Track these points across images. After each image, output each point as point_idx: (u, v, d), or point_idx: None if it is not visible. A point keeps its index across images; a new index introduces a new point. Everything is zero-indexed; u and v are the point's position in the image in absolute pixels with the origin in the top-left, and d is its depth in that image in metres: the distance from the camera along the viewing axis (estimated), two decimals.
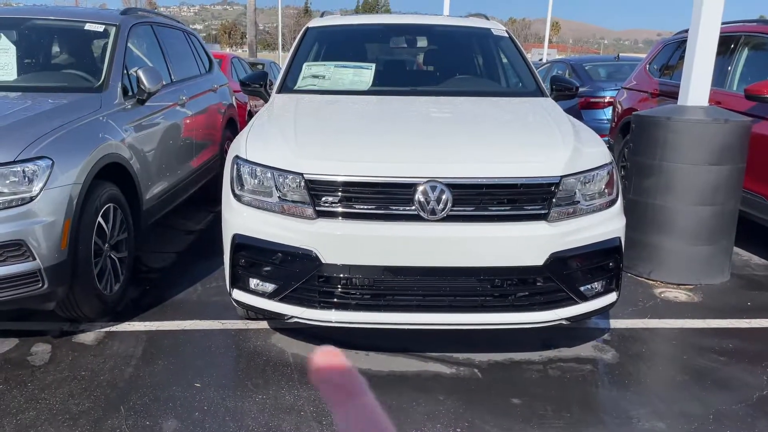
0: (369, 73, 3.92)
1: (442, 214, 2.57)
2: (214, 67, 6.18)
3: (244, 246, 2.77)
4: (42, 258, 2.77)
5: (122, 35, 4.06)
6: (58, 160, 2.88)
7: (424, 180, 2.57)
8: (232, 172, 2.88)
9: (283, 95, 3.79)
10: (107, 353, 2.98)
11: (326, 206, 2.64)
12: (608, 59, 10.36)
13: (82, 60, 4.13)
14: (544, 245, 2.58)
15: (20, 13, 4.40)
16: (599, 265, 2.77)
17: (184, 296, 3.73)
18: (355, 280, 2.65)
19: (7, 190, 2.72)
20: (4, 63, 3.80)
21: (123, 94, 3.78)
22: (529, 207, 2.63)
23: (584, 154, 2.80)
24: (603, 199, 2.81)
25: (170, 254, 4.53)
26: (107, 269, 3.33)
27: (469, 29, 4.54)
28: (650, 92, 6.23)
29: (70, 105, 3.34)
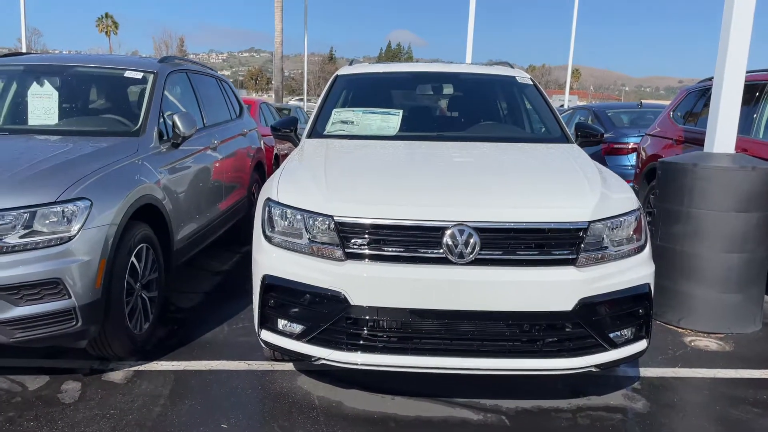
0: (396, 119, 4.02)
1: (470, 257, 2.59)
2: (245, 112, 6.37)
3: (273, 287, 2.80)
4: (77, 296, 2.84)
5: (159, 82, 4.23)
6: (97, 201, 2.98)
7: (452, 224, 2.61)
8: (263, 214, 2.95)
9: (313, 140, 3.89)
10: (136, 392, 3.00)
11: (355, 248, 2.68)
12: (631, 106, 10.42)
13: (120, 105, 4.30)
14: (573, 290, 2.58)
15: (64, 61, 4.62)
16: (629, 311, 2.75)
17: (211, 336, 3.76)
18: (382, 323, 2.66)
19: (47, 229, 2.82)
20: (47, 108, 3.98)
21: (158, 138, 3.92)
22: (557, 252, 2.64)
23: (612, 200, 2.82)
24: (631, 245, 2.81)
25: (197, 294, 4.59)
26: (138, 308, 3.39)
27: (494, 77, 4.64)
28: (675, 139, 6.25)
29: (109, 149, 3.47)
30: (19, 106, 4.20)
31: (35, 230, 2.78)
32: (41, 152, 3.26)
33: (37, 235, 2.78)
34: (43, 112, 3.96)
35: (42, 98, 4.01)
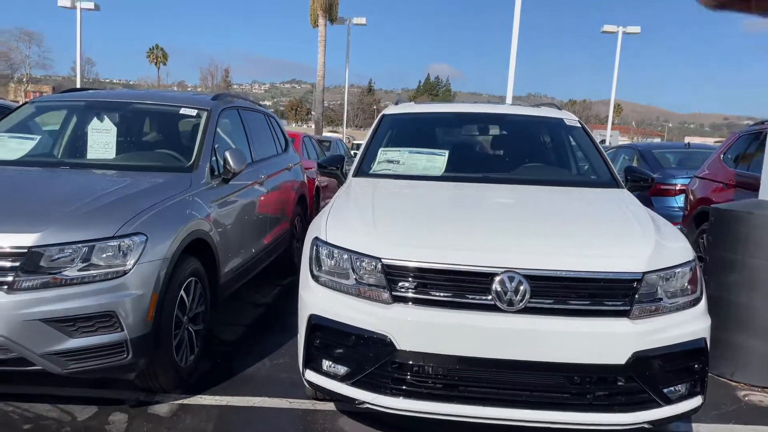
0: (442, 160, 4.03)
1: (519, 305, 2.56)
2: (290, 147, 6.49)
3: (319, 327, 2.81)
4: (129, 329, 2.90)
5: (213, 119, 4.36)
6: (152, 236, 3.06)
7: (502, 270, 2.58)
8: (311, 253, 2.97)
9: (359, 179, 3.93)
10: (180, 426, 3.03)
11: (402, 291, 2.68)
12: (677, 146, 10.24)
13: (175, 141, 4.44)
14: (626, 343, 2.51)
15: (123, 97, 4.81)
16: (684, 366, 2.66)
17: (253, 371, 3.78)
18: (428, 369, 2.64)
19: (104, 263, 2.90)
20: (106, 142, 4.13)
21: (210, 174, 4.02)
22: (610, 303, 2.58)
23: (667, 250, 2.76)
24: (686, 298, 2.73)
25: (239, 327, 4.63)
26: (184, 341, 3.44)
27: (542, 119, 4.63)
28: (725, 182, 6.10)
29: (164, 184, 3.58)
30: (79, 141, 4.37)
31: (93, 263, 2.86)
32: (100, 187, 3.38)
33: (94, 268, 2.86)
34: (101, 146, 4.11)
35: (101, 133, 4.17)
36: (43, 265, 2.79)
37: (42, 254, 2.78)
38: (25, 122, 4.56)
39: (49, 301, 2.75)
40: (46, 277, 2.78)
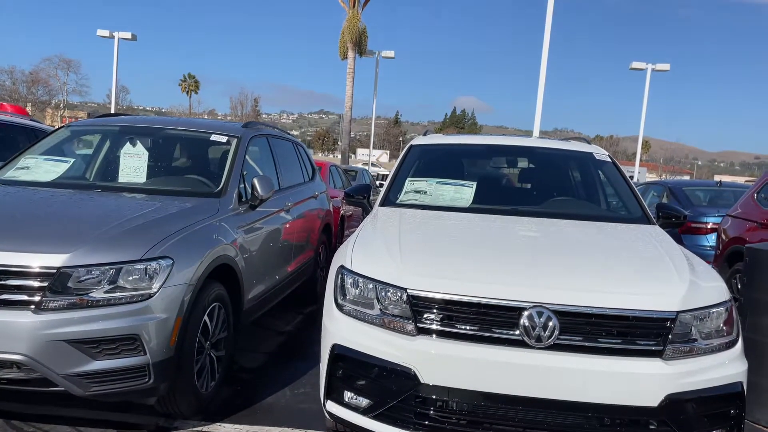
0: (470, 191, 4.01)
1: (548, 342, 2.49)
2: (317, 176, 6.53)
3: (342, 357, 2.77)
4: (152, 353, 2.89)
5: (242, 146, 4.42)
6: (178, 260, 3.07)
7: (531, 305, 2.53)
8: (336, 281, 2.95)
9: (386, 208, 3.92)
10: None
11: (428, 323, 2.63)
12: (709, 184, 10.07)
13: (204, 167, 4.49)
14: (660, 385, 2.42)
15: (156, 123, 4.90)
16: (719, 411, 2.55)
17: (273, 400, 3.73)
18: (452, 404, 2.57)
19: (130, 286, 2.91)
20: (137, 167, 4.20)
21: (238, 200, 4.05)
22: (642, 342, 2.50)
23: (701, 289, 2.67)
24: (722, 339, 2.64)
25: (261, 354, 4.60)
26: (206, 367, 3.42)
27: (571, 153, 4.59)
28: (760, 222, 5.95)
29: (192, 209, 3.61)
30: (111, 164, 4.46)
31: (119, 286, 2.88)
32: (129, 210, 3.42)
33: (120, 290, 2.88)
34: (133, 170, 4.18)
35: (133, 157, 4.25)
36: (71, 286, 2.81)
37: (70, 275, 2.81)
38: (60, 145, 4.67)
39: (74, 322, 2.77)
40: (73, 298, 2.80)
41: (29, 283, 2.78)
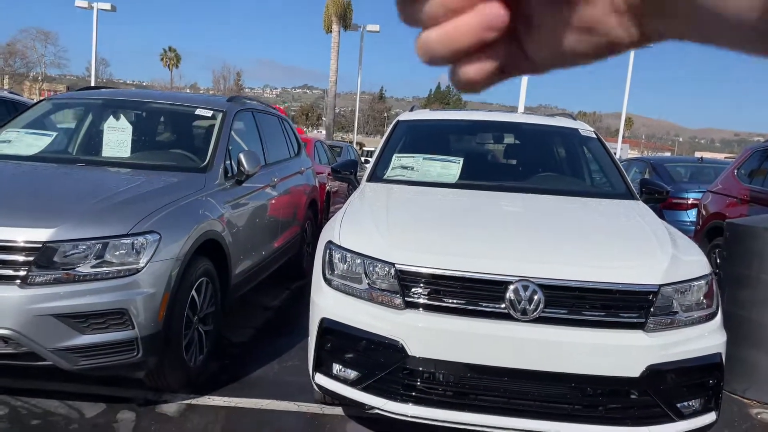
0: (457, 167, 4.02)
1: (533, 314, 2.54)
2: (302, 151, 6.50)
3: (330, 330, 2.80)
4: (140, 327, 2.90)
5: (228, 121, 4.38)
6: (165, 235, 3.06)
7: (516, 279, 2.57)
8: (324, 257, 2.97)
9: (373, 184, 3.93)
10: (187, 426, 3.02)
11: (415, 297, 2.66)
12: (690, 160, 10.18)
13: (189, 141, 4.45)
14: (641, 356, 2.49)
15: (139, 97, 4.84)
16: (698, 381, 2.63)
17: (261, 373, 3.77)
18: (439, 376, 2.62)
19: (117, 260, 2.90)
20: (121, 141, 4.15)
21: (224, 175, 4.02)
22: (625, 315, 2.56)
23: (683, 263, 2.73)
24: (702, 312, 2.70)
25: (248, 329, 4.63)
26: (194, 342, 3.43)
27: (557, 128, 4.61)
28: (739, 197, 6.06)
29: (178, 184, 3.59)
30: (94, 138, 4.40)
31: (106, 261, 2.87)
32: (115, 185, 3.39)
33: (107, 265, 2.87)
34: (116, 144, 4.13)
35: (117, 131, 4.19)
36: (57, 261, 2.79)
37: (56, 250, 2.79)
38: (42, 119, 4.59)
39: (61, 296, 2.76)
40: (59, 272, 2.78)
41: (14, 257, 2.76)
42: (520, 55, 0.35)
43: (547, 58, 0.35)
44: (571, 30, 0.33)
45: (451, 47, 0.34)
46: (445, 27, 0.34)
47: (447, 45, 0.34)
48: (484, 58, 0.34)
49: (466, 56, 0.34)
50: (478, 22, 0.33)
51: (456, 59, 0.35)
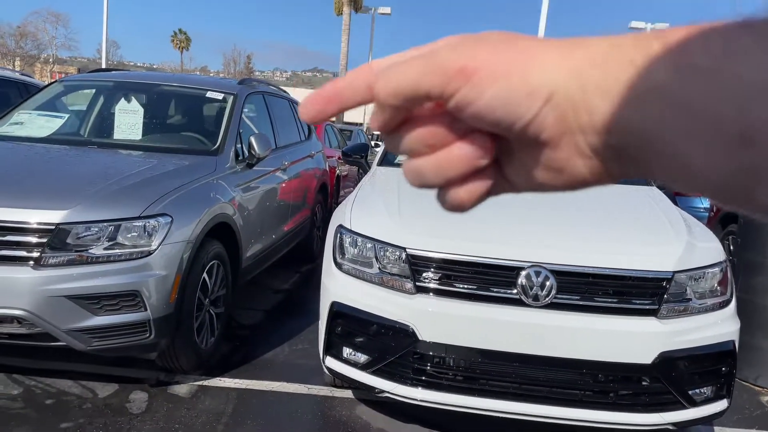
0: None
1: (545, 300, 2.53)
2: (313, 135, 6.48)
3: (341, 314, 2.80)
4: (152, 309, 2.92)
5: (239, 104, 4.36)
6: (176, 218, 3.07)
7: (529, 264, 2.55)
8: (335, 241, 2.96)
9: (384, 168, 3.91)
10: (200, 407, 3.05)
11: (426, 282, 2.66)
12: None
13: (200, 124, 4.44)
14: (654, 343, 2.47)
15: (151, 79, 4.82)
16: (711, 369, 2.61)
17: (271, 356, 3.79)
18: (449, 360, 2.62)
19: (129, 243, 2.91)
20: (132, 123, 4.15)
21: (235, 158, 4.02)
22: (638, 301, 2.54)
23: (697, 250, 2.71)
24: (716, 299, 2.68)
25: (259, 312, 4.65)
26: (205, 324, 3.45)
27: None
28: None
29: (189, 167, 3.59)
30: (106, 121, 4.40)
31: (118, 243, 2.88)
32: (127, 167, 3.40)
33: (119, 247, 2.88)
34: (128, 127, 4.13)
35: (128, 114, 4.19)
36: (70, 243, 2.81)
37: (69, 231, 2.81)
38: (53, 101, 4.60)
39: (74, 278, 2.77)
40: (72, 254, 2.80)
41: (28, 239, 2.78)
42: (500, 177, 0.38)
43: (523, 183, 0.37)
44: (543, 167, 0.35)
45: (445, 176, 0.36)
46: (437, 157, 0.36)
47: (440, 174, 0.36)
48: (475, 181, 0.37)
49: (458, 181, 0.36)
50: (471, 153, 0.35)
51: (447, 185, 0.37)
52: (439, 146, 0.35)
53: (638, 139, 0.31)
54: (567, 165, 0.34)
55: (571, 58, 0.32)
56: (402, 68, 0.34)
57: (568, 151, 0.34)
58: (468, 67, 0.33)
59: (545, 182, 0.36)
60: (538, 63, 0.33)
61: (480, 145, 0.35)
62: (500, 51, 0.33)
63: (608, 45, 0.32)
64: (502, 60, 0.33)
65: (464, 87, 0.33)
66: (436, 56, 0.34)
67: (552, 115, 0.32)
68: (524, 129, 0.33)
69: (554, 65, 0.32)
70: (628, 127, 0.31)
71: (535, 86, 0.32)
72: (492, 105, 0.33)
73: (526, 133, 0.33)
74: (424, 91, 0.33)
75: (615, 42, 0.32)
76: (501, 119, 0.33)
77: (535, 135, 0.33)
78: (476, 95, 0.33)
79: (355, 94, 0.36)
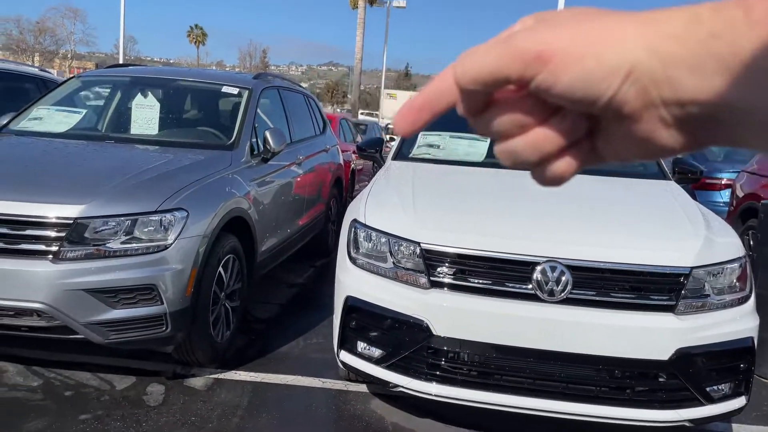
0: (484, 145, 3.97)
1: (560, 296, 2.51)
2: (328, 129, 6.48)
3: (355, 308, 2.81)
4: (169, 303, 2.94)
5: (254, 98, 4.37)
6: (192, 212, 3.09)
7: (544, 259, 2.54)
8: (349, 235, 2.97)
9: (399, 162, 3.90)
10: (215, 400, 3.07)
11: (440, 277, 2.65)
12: None
13: (216, 119, 4.47)
14: (671, 339, 2.45)
15: (167, 74, 4.86)
16: (729, 365, 2.58)
17: (286, 349, 3.81)
18: (464, 355, 2.62)
19: (146, 237, 2.94)
20: (149, 118, 4.18)
21: (250, 152, 4.03)
22: (655, 297, 2.51)
23: (716, 245, 2.67)
24: (735, 295, 2.64)
25: (274, 305, 4.67)
26: (221, 317, 3.48)
27: None
28: None
29: (205, 161, 3.61)
30: (123, 116, 4.44)
31: (135, 237, 2.91)
32: (144, 162, 3.43)
33: (136, 241, 2.91)
34: (144, 122, 4.17)
35: (145, 109, 4.23)
36: (88, 237, 2.84)
37: (87, 226, 2.84)
38: (71, 96, 4.65)
39: (92, 272, 2.81)
40: (90, 248, 2.83)
41: (47, 233, 2.82)
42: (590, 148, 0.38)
43: (612, 154, 0.38)
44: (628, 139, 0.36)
45: (541, 153, 0.37)
46: (532, 136, 0.37)
47: (537, 151, 0.37)
48: (572, 153, 0.38)
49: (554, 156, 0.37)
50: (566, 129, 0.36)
51: (542, 161, 0.38)
52: (532, 125, 0.36)
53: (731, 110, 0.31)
54: (652, 136, 0.35)
55: (648, 33, 0.33)
56: (480, 54, 0.35)
57: (651, 123, 0.34)
58: (545, 52, 0.33)
59: (632, 153, 0.37)
60: (615, 40, 0.33)
61: (573, 120, 0.36)
62: (576, 31, 0.34)
63: (688, 17, 0.32)
64: (578, 41, 0.33)
65: (542, 72, 0.33)
66: (513, 42, 0.34)
67: (632, 90, 0.33)
68: (606, 105, 0.34)
69: (632, 41, 0.33)
70: (717, 99, 0.31)
71: (613, 64, 0.33)
72: (572, 86, 0.33)
73: (608, 108, 0.34)
74: (503, 76, 0.34)
75: (694, 12, 0.32)
76: (582, 99, 0.34)
77: (617, 110, 0.34)
78: (555, 79, 0.33)
79: (444, 97, 0.37)
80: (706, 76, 0.31)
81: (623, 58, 0.32)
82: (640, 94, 0.33)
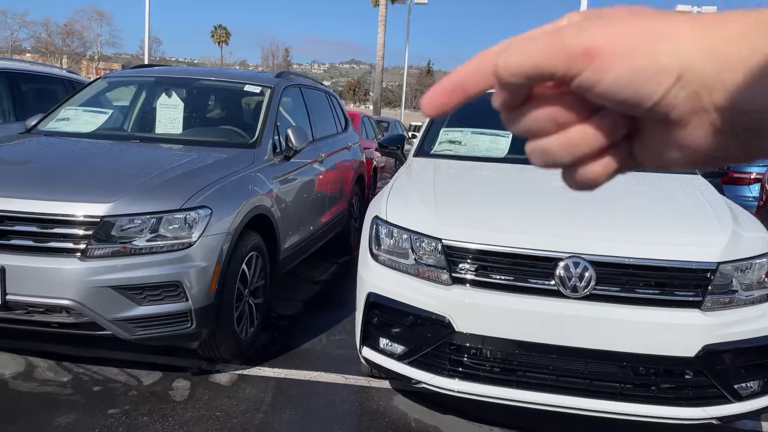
0: (506, 141, 3.94)
1: (584, 292, 2.48)
2: (350, 126, 6.50)
3: (377, 305, 2.82)
4: (193, 300, 2.99)
5: (276, 97, 4.41)
6: (216, 210, 3.13)
7: (567, 255, 2.51)
8: (370, 232, 2.97)
9: (420, 159, 3.90)
10: (240, 396, 3.11)
11: (462, 273, 2.64)
12: None
13: (239, 118, 4.51)
14: (697, 336, 2.41)
15: (190, 74, 4.92)
16: (757, 362, 2.53)
17: (309, 346, 3.84)
18: (486, 352, 2.61)
19: (171, 235, 2.99)
20: (173, 117, 4.24)
21: (272, 151, 4.07)
22: (680, 293, 2.48)
23: (744, 240, 2.62)
24: (763, 291, 2.59)
25: (297, 303, 4.71)
26: (245, 314, 3.52)
27: None
28: None
29: (228, 160, 3.65)
30: (148, 116, 4.51)
31: (160, 234, 2.96)
32: (168, 161, 3.47)
33: (161, 239, 2.95)
34: (169, 121, 4.22)
35: (169, 108, 4.28)
36: (114, 235, 2.89)
37: (113, 224, 2.89)
38: (98, 97, 4.73)
39: (119, 269, 2.86)
40: (116, 246, 2.88)
41: (74, 231, 2.88)
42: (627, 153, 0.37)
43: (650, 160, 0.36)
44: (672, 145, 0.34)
45: (576, 154, 0.35)
46: (568, 135, 0.35)
47: (572, 152, 0.35)
48: (608, 156, 0.36)
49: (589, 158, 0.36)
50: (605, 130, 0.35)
51: (575, 163, 0.36)
52: (569, 124, 0.35)
53: None
54: (698, 143, 0.33)
55: (705, 36, 0.31)
56: (525, 46, 0.34)
57: (699, 129, 0.32)
58: (592, 49, 0.32)
59: (674, 160, 0.35)
60: (667, 40, 0.32)
61: (614, 120, 0.34)
62: (626, 29, 0.32)
63: (750, 22, 0.31)
64: (627, 39, 0.32)
65: (587, 69, 0.32)
66: (560, 36, 0.33)
67: (682, 94, 0.32)
68: (652, 108, 0.32)
69: (685, 42, 0.31)
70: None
71: (663, 65, 0.31)
72: (617, 86, 0.32)
73: (654, 112, 0.33)
74: (547, 71, 0.33)
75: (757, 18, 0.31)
76: (627, 99, 0.32)
77: (664, 114, 0.33)
78: (599, 77, 0.32)
79: (478, 82, 0.36)
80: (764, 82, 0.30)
81: (676, 59, 0.31)
82: (690, 98, 0.31)
